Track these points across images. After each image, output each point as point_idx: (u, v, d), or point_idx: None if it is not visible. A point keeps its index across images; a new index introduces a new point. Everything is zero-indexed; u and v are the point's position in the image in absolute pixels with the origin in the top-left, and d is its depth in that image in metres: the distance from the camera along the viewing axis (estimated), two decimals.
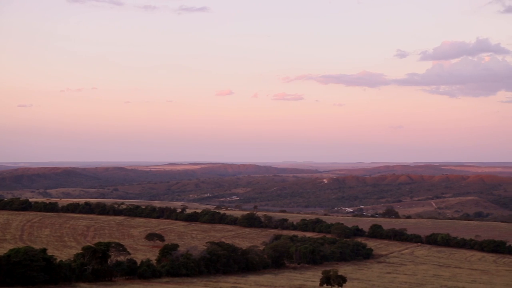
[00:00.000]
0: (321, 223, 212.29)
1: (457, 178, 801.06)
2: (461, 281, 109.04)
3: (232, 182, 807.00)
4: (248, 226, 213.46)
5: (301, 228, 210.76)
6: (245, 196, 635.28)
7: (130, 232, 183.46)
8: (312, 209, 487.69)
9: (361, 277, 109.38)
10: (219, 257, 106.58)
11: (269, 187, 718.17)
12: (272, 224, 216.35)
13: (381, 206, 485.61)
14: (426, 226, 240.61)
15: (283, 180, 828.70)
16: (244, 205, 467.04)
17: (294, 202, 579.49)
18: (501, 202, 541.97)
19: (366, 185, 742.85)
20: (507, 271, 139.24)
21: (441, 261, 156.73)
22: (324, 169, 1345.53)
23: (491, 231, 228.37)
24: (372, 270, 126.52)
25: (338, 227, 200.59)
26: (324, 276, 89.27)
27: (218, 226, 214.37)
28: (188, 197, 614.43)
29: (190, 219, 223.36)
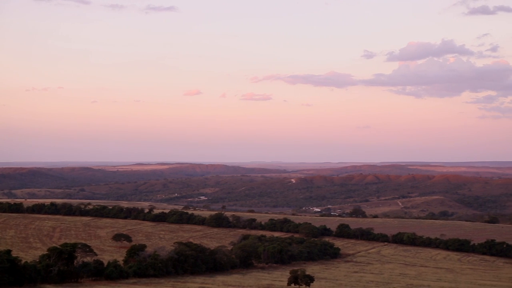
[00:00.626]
0: (289, 223, 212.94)
1: (423, 178, 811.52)
2: (426, 280, 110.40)
3: (200, 182, 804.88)
4: (216, 226, 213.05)
5: (269, 228, 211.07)
6: (214, 196, 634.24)
7: (97, 233, 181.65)
8: (280, 209, 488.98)
9: (329, 277, 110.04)
10: (187, 257, 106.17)
11: (237, 187, 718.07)
12: (240, 224, 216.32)
13: (349, 206, 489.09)
14: (392, 225, 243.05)
15: (252, 180, 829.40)
16: (212, 205, 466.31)
17: (263, 202, 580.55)
18: (466, 201, 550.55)
19: (334, 185, 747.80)
20: (471, 269, 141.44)
21: (407, 260, 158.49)
22: (292, 169, 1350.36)
23: (455, 230, 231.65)
24: (339, 269, 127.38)
25: (306, 227, 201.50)
26: (292, 276, 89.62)
27: (186, 226, 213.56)
28: (156, 197, 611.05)
29: (158, 220, 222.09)
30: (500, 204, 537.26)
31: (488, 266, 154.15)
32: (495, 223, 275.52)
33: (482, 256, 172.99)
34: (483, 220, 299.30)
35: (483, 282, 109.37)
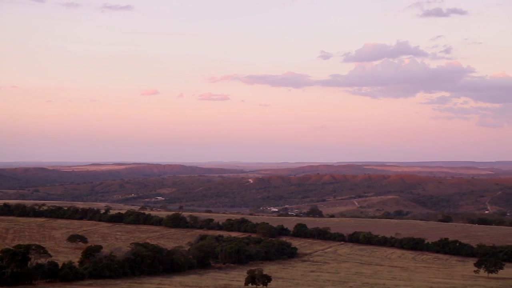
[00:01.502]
0: (247, 223, 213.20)
1: (378, 177, 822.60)
2: (382, 278, 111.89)
3: (158, 182, 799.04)
4: (174, 227, 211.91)
5: (227, 228, 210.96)
6: (171, 196, 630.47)
7: (52, 234, 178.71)
8: (237, 209, 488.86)
9: (286, 276, 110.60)
10: (144, 258, 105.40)
11: (194, 187, 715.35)
12: (198, 224, 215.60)
13: (306, 206, 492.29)
14: (349, 224, 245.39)
15: (209, 180, 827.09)
16: (169, 205, 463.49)
17: (220, 202, 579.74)
18: (420, 200, 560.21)
19: (291, 184, 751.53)
20: (425, 267, 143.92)
21: (363, 259, 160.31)
22: (249, 169, 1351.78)
23: (410, 229, 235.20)
24: (296, 268, 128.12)
25: (263, 227, 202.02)
26: (249, 276, 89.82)
27: (143, 227, 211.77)
28: (112, 198, 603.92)
29: (114, 220, 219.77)
30: (453, 203, 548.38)
31: (441, 264, 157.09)
32: (448, 222, 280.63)
33: (435, 255, 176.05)
34: (437, 219, 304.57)
35: (437, 280, 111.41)
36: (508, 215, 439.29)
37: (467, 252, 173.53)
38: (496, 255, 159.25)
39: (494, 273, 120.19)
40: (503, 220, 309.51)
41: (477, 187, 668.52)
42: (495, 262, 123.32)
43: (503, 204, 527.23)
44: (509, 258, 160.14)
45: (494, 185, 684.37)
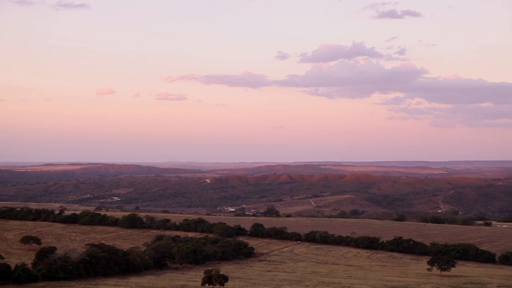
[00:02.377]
0: (204, 223, 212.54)
1: (335, 177, 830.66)
2: (337, 277, 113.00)
3: (113, 182, 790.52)
4: (130, 227, 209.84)
5: (184, 228, 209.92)
6: (127, 196, 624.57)
7: (4, 235, 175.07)
8: (195, 209, 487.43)
9: (243, 276, 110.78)
10: (99, 259, 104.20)
11: (151, 188, 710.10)
12: (154, 224, 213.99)
13: (263, 205, 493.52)
14: (305, 224, 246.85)
15: (166, 180, 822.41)
16: (125, 205, 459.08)
17: (177, 202, 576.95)
18: (375, 200, 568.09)
19: (248, 184, 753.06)
20: (380, 266, 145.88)
21: (319, 258, 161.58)
22: (207, 169, 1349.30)
23: (366, 228, 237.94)
24: (253, 268, 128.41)
25: (221, 227, 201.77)
26: (206, 276, 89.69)
27: (98, 227, 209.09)
28: (67, 199, 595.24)
29: (69, 221, 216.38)
30: (408, 202, 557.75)
31: (395, 262, 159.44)
32: (402, 221, 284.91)
33: (390, 253, 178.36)
34: (392, 218, 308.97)
35: (391, 278, 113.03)
36: (460, 214, 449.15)
37: (420, 250, 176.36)
38: (449, 253, 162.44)
39: (446, 271, 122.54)
40: (455, 219, 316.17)
41: (431, 186, 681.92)
42: (447, 260, 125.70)
43: (455, 203, 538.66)
44: (460, 256, 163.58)
45: (446, 185, 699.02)
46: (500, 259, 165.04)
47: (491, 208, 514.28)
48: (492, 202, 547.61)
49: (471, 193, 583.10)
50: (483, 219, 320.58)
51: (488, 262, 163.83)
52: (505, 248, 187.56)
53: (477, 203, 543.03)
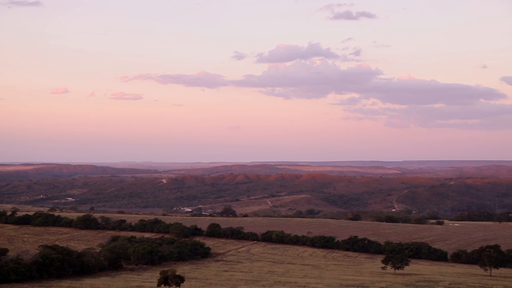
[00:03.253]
0: (160, 223, 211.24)
1: (291, 177, 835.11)
2: (293, 277, 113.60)
3: (68, 183, 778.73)
4: (84, 228, 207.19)
5: (140, 229, 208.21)
6: (82, 197, 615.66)
7: None
8: (151, 209, 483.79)
9: (199, 276, 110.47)
10: (53, 260, 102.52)
11: (106, 188, 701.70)
12: (110, 225, 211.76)
13: (219, 205, 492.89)
14: (262, 224, 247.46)
15: (121, 181, 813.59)
16: (80, 206, 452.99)
17: (133, 203, 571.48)
18: (331, 199, 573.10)
19: (205, 184, 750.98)
20: (335, 265, 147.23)
21: (275, 257, 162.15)
22: (163, 169, 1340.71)
23: (321, 227, 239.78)
24: (209, 268, 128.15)
25: (177, 227, 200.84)
26: (162, 277, 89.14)
27: (52, 228, 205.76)
28: (19, 199, 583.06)
29: (22, 222, 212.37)
30: (363, 202, 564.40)
31: (351, 261, 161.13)
32: (357, 220, 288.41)
33: (345, 252, 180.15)
34: (347, 217, 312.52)
35: (346, 277, 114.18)
36: (413, 213, 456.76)
37: (375, 249, 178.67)
38: (402, 252, 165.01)
39: (400, 269, 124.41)
40: (409, 218, 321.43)
41: (385, 186, 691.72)
42: (401, 259, 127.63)
43: (409, 202, 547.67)
44: (414, 255, 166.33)
45: (400, 184, 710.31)
46: (452, 257, 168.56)
47: (444, 207, 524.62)
48: (444, 201, 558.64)
49: (424, 192, 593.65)
50: (435, 218, 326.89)
51: (440, 260, 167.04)
52: (456, 246, 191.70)
53: (430, 202, 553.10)
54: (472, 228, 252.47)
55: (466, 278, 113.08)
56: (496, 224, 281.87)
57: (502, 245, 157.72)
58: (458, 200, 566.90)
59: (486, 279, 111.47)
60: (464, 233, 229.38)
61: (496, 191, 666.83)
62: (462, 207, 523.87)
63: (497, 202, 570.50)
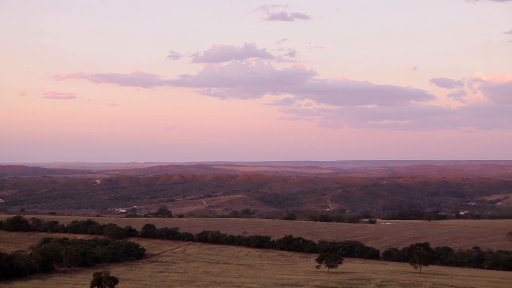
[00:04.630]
0: (93, 225, 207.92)
1: (227, 177, 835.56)
2: (229, 276, 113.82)
3: None
4: (14, 230, 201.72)
5: (72, 230, 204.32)
6: (11, 198, 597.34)
7: None
8: (84, 210, 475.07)
9: (133, 278, 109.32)
10: None
11: (38, 189, 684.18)
12: (41, 227, 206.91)
13: (155, 206, 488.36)
14: (197, 224, 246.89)
15: (53, 181, 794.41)
16: (10, 208, 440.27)
17: (65, 204, 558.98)
18: (267, 199, 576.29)
19: (140, 185, 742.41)
20: (270, 264, 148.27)
21: (211, 257, 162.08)
22: (97, 169, 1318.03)
23: (257, 227, 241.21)
24: (144, 270, 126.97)
25: (111, 228, 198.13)
26: (95, 278, 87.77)
27: None
28: None
29: None
30: (297, 201, 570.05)
31: (286, 261, 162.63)
32: (292, 220, 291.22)
33: (280, 252, 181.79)
34: (282, 217, 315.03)
35: (281, 276, 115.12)
36: (347, 212, 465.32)
37: (309, 248, 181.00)
38: (336, 250, 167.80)
39: (334, 268, 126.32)
40: (342, 217, 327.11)
41: (319, 185, 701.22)
42: (335, 257, 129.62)
43: (342, 201, 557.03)
44: (347, 253, 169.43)
45: (334, 184, 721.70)
46: (383, 255, 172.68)
47: (376, 206, 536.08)
48: (377, 200, 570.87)
49: (358, 192, 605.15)
50: (368, 217, 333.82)
51: (373, 259, 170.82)
52: (388, 244, 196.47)
53: (363, 201, 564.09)
54: (403, 226, 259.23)
55: (397, 275, 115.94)
56: (425, 223, 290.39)
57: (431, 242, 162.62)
58: (390, 199, 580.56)
59: (416, 276, 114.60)
60: (395, 232, 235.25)
61: (426, 190, 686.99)
62: (393, 206, 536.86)
63: (426, 201, 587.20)
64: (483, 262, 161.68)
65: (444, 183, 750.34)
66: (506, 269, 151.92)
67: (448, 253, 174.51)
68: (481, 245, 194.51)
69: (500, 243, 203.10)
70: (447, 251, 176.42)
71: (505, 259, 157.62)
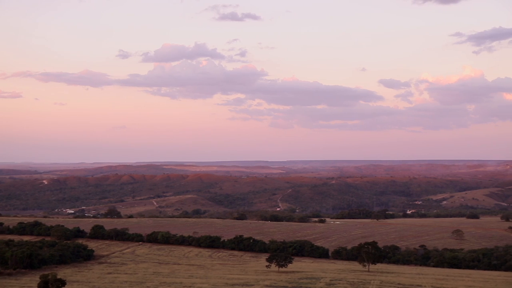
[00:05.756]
0: (40, 226, 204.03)
1: (177, 177, 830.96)
2: (179, 277, 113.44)
3: None
4: None
5: (18, 232, 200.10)
6: None
7: None
8: (31, 211, 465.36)
9: (81, 279, 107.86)
10: None
11: None
12: None
13: (104, 207, 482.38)
14: (147, 225, 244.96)
15: None
16: None
17: (11, 205, 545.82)
18: (217, 199, 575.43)
19: (88, 185, 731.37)
20: (221, 264, 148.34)
21: (161, 258, 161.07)
22: (44, 169, 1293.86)
23: (207, 227, 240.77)
24: (93, 271, 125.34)
25: (58, 229, 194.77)
26: (41, 281, 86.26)
27: None
28: None
29: None
30: (248, 201, 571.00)
31: (236, 260, 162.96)
32: (243, 220, 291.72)
33: (231, 252, 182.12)
34: (233, 217, 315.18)
35: (231, 276, 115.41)
36: (297, 211, 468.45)
37: (260, 248, 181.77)
38: (286, 250, 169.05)
39: (284, 267, 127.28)
40: (292, 216, 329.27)
41: (270, 185, 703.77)
42: (285, 257, 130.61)
43: (292, 201, 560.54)
44: (297, 252, 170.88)
45: (285, 184, 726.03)
46: (333, 254, 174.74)
47: (326, 206, 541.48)
48: (327, 199, 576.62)
49: (308, 191, 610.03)
50: (318, 216, 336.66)
51: (322, 258, 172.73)
52: (337, 243, 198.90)
53: (313, 201, 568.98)
54: (352, 225, 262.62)
55: (346, 274, 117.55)
56: (374, 222, 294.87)
57: (379, 241, 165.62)
58: (339, 198, 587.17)
59: (364, 275, 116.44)
60: (344, 231, 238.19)
61: (374, 189, 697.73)
62: (343, 205, 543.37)
63: (375, 200, 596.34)
64: (429, 260, 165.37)
65: (392, 182, 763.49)
66: (451, 266, 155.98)
67: (395, 251, 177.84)
68: (427, 243, 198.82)
69: (445, 241, 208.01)
70: (395, 250, 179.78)
71: (450, 256, 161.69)
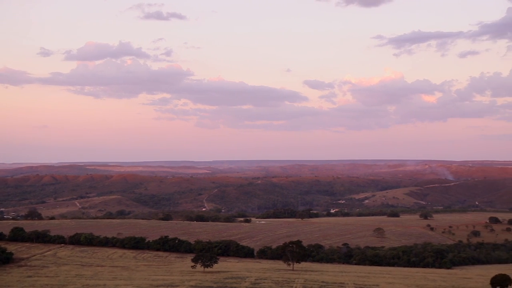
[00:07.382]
0: None
1: (101, 177, 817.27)
2: (102, 279, 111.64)
3: None
4: None
5: None
6: None
7: None
8: None
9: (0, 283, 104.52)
10: None
11: None
12: None
13: (24, 208, 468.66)
14: (70, 226, 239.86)
15: None
16: None
17: None
18: (142, 200, 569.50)
19: (8, 186, 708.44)
20: (145, 265, 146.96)
21: (84, 260, 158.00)
22: None
23: (132, 228, 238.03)
24: (11, 275, 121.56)
25: None
26: None
27: None
28: None
29: None
30: (174, 201, 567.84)
31: (161, 261, 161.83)
32: (168, 220, 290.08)
33: (156, 253, 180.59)
34: (158, 217, 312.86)
35: (156, 277, 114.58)
36: (223, 211, 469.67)
37: (185, 248, 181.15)
38: (212, 250, 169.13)
39: (209, 267, 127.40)
40: (218, 216, 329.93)
41: (196, 185, 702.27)
42: (210, 257, 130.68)
43: (218, 201, 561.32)
44: (223, 252, 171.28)
45: (211, 184, 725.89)
46: (258, 253, 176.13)
47: (251, 205, 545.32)
48: (252, 199, 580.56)
49: (233, 191, 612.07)
50: (243, 216, 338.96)
51: (248, 257, 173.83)
52: (262, 243, 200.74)
53: (238, 200, 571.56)
54: (277, 225, 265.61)
55: (271, 273, 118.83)
56: (298, 221, 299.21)
57: (304, 240, 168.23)
58: (264, 198, 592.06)
59: (289, 273, 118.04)
60: (269, 230, 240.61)
61: (299, 189, 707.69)
62: (268, 205, 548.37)
63: (300, 200, 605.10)
64: (351, 258, 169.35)
65: (316, 182, 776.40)
66: (373, 264, 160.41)
67: (319, 250, 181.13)
68: (350, 241, 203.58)
69: (367, 239, 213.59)
70: (319, 248, 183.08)
71: (372, 254, 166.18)
